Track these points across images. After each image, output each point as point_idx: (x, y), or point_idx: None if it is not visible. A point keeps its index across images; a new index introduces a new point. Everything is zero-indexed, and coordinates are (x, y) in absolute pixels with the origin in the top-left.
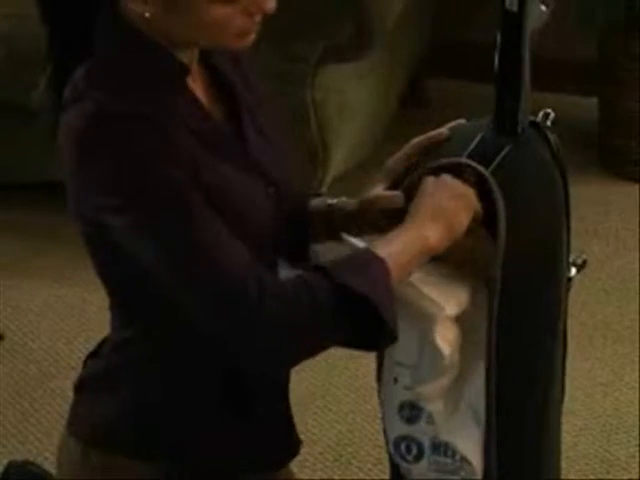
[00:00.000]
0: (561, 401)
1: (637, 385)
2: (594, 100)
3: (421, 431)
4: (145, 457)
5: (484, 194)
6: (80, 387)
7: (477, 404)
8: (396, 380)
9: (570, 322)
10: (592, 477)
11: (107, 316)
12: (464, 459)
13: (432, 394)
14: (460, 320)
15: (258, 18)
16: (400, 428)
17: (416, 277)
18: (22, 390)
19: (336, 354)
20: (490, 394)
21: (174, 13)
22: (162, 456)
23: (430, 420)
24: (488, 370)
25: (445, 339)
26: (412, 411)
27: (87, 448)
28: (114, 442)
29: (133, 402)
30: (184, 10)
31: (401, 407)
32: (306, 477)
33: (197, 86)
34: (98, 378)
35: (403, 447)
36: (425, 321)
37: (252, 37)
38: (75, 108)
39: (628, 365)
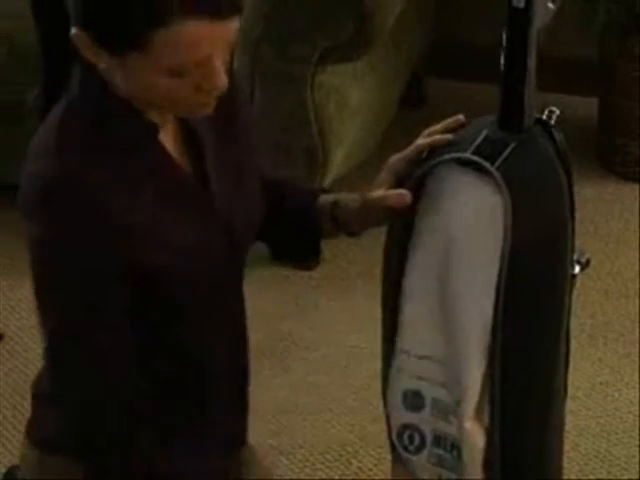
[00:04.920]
0: (564, 400)
1: (637, 385)
2: (594, 100)
3: (425, 421)
4: (93, 461)
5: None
6: (34, 392)
7: (478, 398)
8: (402, 368)
9: (570, 322)
10: (592, 477)
11: None
12: (464, 456)
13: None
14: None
15: (215, 93)
16: (404, 416)
17: None
18: (22, 390)
19: (336, 354)
20: (494, 394)
21: (124, 76)
22: (109, 460)
23: (434, 410)
24: (492, 371)
25: None
26: (415, 399)
27: (40, 453)
28: (63, 447)
29: (78, 406)
30: (132, 73)
31: (405, 395)
32: (306, 477)
33: (168, 138)
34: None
35: (406, 436)
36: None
37: (210, 108)
38: (39, 164)
39: (628, 365)
